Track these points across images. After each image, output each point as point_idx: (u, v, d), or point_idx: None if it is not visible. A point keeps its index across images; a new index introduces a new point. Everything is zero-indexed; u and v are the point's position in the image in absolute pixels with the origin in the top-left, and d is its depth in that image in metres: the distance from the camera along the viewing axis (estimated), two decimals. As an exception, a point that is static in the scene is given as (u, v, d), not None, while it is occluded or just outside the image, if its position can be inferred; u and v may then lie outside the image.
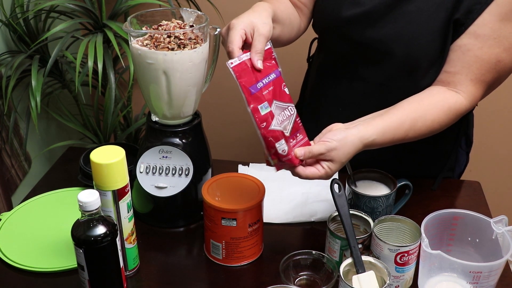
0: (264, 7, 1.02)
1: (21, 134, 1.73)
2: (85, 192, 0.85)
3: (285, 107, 0.95)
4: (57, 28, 1.57)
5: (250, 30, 0.94)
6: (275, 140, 0.91)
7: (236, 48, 0.91)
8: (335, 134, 0.96)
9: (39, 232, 1.11)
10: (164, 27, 1.04)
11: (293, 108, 0.97)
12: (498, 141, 2.20)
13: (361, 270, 0.91)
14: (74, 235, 0.86)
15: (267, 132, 0.91)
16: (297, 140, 0.97)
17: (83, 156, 1.23)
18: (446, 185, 1.29)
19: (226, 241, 1.02)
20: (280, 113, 0.93)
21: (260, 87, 0.91)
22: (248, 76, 0.90)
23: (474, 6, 1.03)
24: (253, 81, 0.90)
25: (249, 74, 0.90)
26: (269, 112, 0.91)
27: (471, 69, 1.05)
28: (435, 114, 1.05)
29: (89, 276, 0.88)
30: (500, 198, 2.22)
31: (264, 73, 0.93)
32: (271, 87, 0.93)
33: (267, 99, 0.91)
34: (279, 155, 0.93)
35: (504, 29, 1.03)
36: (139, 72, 1.05)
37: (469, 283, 0.92)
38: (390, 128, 1.01)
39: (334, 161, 0.95)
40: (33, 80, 1.53)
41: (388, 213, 1.08)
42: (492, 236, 0.96)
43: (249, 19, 0.95)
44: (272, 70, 0.95)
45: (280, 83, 0.96)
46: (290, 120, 0.95)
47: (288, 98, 0.96)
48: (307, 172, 0.96)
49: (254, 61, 0.92)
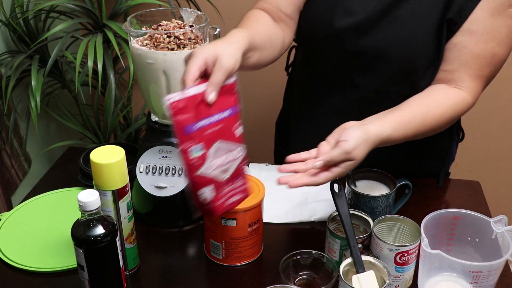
0: (238, 37, 0.95)
1: (21, 134, 1.73)
2: (85, 192, 0.85)
3: (231, 149, 0.89)
4: (57, 28, 1.58)
5: (212, 61, 0.87)
6: (199, 186, 0.86)
7: (190, 78, 0.85)
8: (353, 132, 0.94)
9: (39, 232, 1.11)
10: (164, 27, 1.04)
11: (242, 150, 0.91)
12: (497, 141, 2.20)
13: (361, 270, 0.91)
14: (74, 235, 0.86)
15: (193, 177, 0.85)
16: (234, 186, 0.92)
17: (83, 156, 1.23)
18: (446, 185, 1.30)
19: (226, 241, 1.02)
20: (222, 156, 0.87)
21: (202, 126, 0.84)
22: (189, 113, 0.82)
23: (466, 4, 1.04)
24: (193, 120, 0.83)
25: (191, 111, 0.83)
26: (201, 156, 0.84)
27: (469, 65, 1.06)
28: (443, 109, 1.06)
29: (89, 276, 0.88)
30: (500, 198, 2.22)
31: (215, 110, 0.86)
32: (220, 125, 0.87)
33: (205, 140, 0.85)
34: (199, 201, 0.88)
35: (496, 23, 1.04)
36: (139, 72, 1.05)
37: (468, 283, 0.92)
38: (402, 124, 1.01)
39: (355, 160, 0.93)
40: (33, 80, 1.53)
41: (388, 213, 1.08)
42: (491, 235, 0.96)
43: (214, 49, 0.88)
44: (228, 107, 0.88)
45: (234, 122, 0.89)
46: (233, 163, 0.90)
47: (239, 139, 0.90)
48: (320, 180, 0.93)
49: (207, 94, 0.85)
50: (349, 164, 0.93)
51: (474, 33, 1.05)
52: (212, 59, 0.87)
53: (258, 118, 2.07)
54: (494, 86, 2.12)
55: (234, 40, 0.93)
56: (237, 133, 0.90)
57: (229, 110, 0.88)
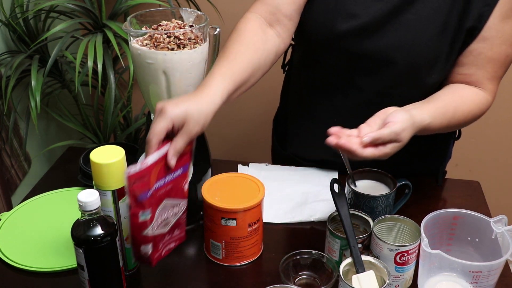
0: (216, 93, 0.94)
1: (20, 134, 1.73)
2: (85, 192, 0.85)
3: (176, 204, 0.93)
4: (57, 28, 1.58)
5: (179, 125, 0.88)
6: (142, 244, 0.89)
7: (155, 142, 0.86)
8: (400, 115, 0.96)
9: (39, 232, 1.11)
10: (163, 27, 1.04)
11: (185, 204, 0.95)
12: (498, 141, 2.20)
13: (360, 269, 0.91)
14: (74, 235, 0.86)
15: (138, 235, 0.88)
16: (172, 236, 0.96)
17: (83, 156, 1.23)
18: (446, 185, 1.30)
19: (226, 241, 1.02)
20: (167, 211, 0.91)
21: (154, 190, 0.87)
22: (144, 182, 0.84)
23: (484, 9, 1.06)
24: (147, 188, 0.85)
25: (147, 179, 0.85)
26: (149, 219, 0.87)
27: (486, 69, 1.10)
28: (470, 105, 1.10)
29: (89, 276, 0.88)
30: (500, 197, 2.22)
31: (168, 171, 0.89)
32: (170, 185, 0.90)
33: (154, 203, 0.87)
34: (140, 255, 0.91)
35: (506, 26, 1.08)
36: (139, 72, 1.05)
37: (468, 283, 0.92)
38: (439, 114, 1.04)
39: (401, 142, 0.95)
40: (33, 80, 1.53)
41: (388, 212, 1.08)
42: (491, 235, 0.96)
43: (184, 111, 0.88)
44: (181, 166, 0.91)
45: (183, 179, 0.93)
46: (175, 217, 0.94)
47: (185, 194, 0.94)
48: (366, 153, 0.93)
49: (168, 159, 0.87)
50: (395, 145, 0.95)
51: (488, 39, 1.08)
52: (180, 122, 0.88)
53: (255, 116, 2.07)
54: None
55: (210, 100, 0.92)
56: (184, 188, 0.94)
57: (180, 169, 0.91)
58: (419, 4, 1.08)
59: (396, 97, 1.14)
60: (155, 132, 0.86)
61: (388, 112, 0.98)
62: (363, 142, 0.93)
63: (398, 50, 1.10)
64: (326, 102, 1.23)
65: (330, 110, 1.23)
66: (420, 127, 0.99)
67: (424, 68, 1.11)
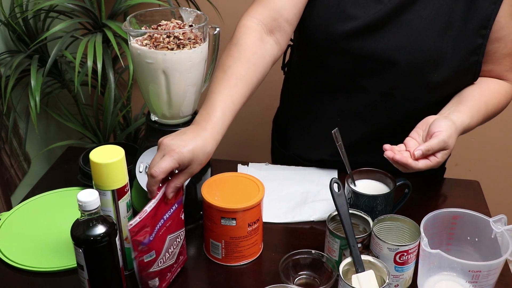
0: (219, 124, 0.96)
1: (20, 134, 1.73)
2: (84, 191, 0.85)
3: (177, 236, 0.96)
4: (56, 27, 1.57)
5: (186, 165, 0.91)
6: (149, 279, 0.93)
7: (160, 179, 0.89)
8: (443, 123, 1.01)
9: (38, 232, 1.11)
10: (163, 27, 1.04)
11: (184, 231, 0.99)
12: (497, 140, 2.20)
13: (360, 269, 0.91)
14: (73, 234, 0.86)
15: (145, 274, 0.91)
16: (179, 262, 1.00)
17: (82, 155, 1.23)
18: (446, 185, 1.30)
19: (226, 241, 1.02)
20: (170, 246, 0.94)
21: (156, 231, 0.90)
22: (145, 229, 0.88)
23: (490, 7, 1.08)
24: (149, 233, 0.88)
25: (147, 226, 0.88)
26: (153, 258, 0.91)
27: (504, 63, 1.15)
28: (498, 97, 1.15)
29: (88, 275, 0.88)
30: (499, 197, 2.22)
31: (166, 210, 0.92)
32: (169, 222, 0.93)
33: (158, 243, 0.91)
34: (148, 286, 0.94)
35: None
36: (138, 71, 1.05)
37: (468, 282, 0.92)
38: (475, 112, 1.10)
39: (449, 149, 1.01)
40: (32, 80, 1.53)
41: (388, 212, 1.08)
42: (491, 235, 0.96)
43: (192, 151, 0.90)
44: (176, 201, 0.94)
45: (179, 211, 0.96)
46: (178, 246, 0.97)
47: (182, 223, 0.98)
48: (420, 165, 0.99)
49: (167, 193, 0.92)
50: (445, 153, 1.01)
51: (502, 39, 1.12)
52: (187, 163, 0.91)
53: (255, 115, 2.07)
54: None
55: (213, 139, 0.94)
56: (182, 217, 0.98)
57: (175, 204, 0.95)
58: (420, 5, 1.08)
59: (400, 97, 1.15)
60: (163, 171, 0.88)
61: (429, 122, 1.04)
62: (415, 155, 0.98)
63: (400, 51, 1.10)
64: (329, 103, 1.24)
65: (333, 111, 1.23)
66: (462, 130, 1.06)
67: (427, 68, 1.11)
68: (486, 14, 1.08)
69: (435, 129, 1.01)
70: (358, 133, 1.23)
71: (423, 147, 0.99)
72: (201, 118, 0.96)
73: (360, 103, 1.19)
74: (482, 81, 1.16)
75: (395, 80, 1.14)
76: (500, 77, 1.16)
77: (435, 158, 1.00)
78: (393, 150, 1.00)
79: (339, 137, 1.06)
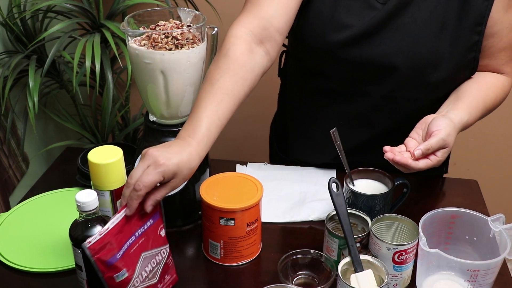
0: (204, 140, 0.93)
1: (18, 135, 1.73)
2: (83, 192, 0.85)
3: (156, 253, 0.90)
4: (55, 28, 1.57)
5: (169, 178, 0.88)
6: None
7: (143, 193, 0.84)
8: (441, 121, 1.02)
9: (37, 232, 1.11)
10: (161, 27, 1.04)
11: (167, 249, 0.93)
12: (495, 140, 2.20)
13: (359, 269, 0.92)
14: (72, 235, 0.86)
15: None
16: (165, 282, 0.95)
17: (80, 156, 1.23)
18: (444, 184, 1.30)
19: (224, 241, 1.02)
20: (149, 263, 0.89)
21: (125, 250, 0.84)
22: (110, 247, 0.82)
23: (483, 4, 1.08)
24: (115, 250, 0.82)
25: (112, 242, 0.82)
26: (126, 277, 0.84)
27: (500, 57, 1.15)
28: (496, 91, 1.15)
29: (87, 276, 0.88)
30: (498, 196, 2.23)
31: (137, 225, 0.86)
32: (143, 238, 0.87)
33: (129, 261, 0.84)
34: None
35: (511, 15, 1.11)
36: (136, 72, 1.05)
37: (466, 282, 0.92)
38: (473, 108, 1.10)
39: (449, 147, 1.01)
40: (31, 80, 1.53)
41: (386, 212, 1.08)
42: (489, 234, 0.97)
43: (177, 165, 0.87)
44: (150, 217, 0.89)
45: (157, 227, 0.91)
46: (160, 264, 0.92)
47: (164, 240, 0.92)
48: (420, 165, 1.00)
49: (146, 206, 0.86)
50: (444, 151, 1.01)
51: (497, 33, 1.12)
52: (170, 177, 0.87)
53: (254, 115, 2.07)
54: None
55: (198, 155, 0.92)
56: (161, 235, 0.92)
57: (150, 220, 0.89)
58: (414, 8, 1.09)
59: (402, 99, 1.16)
60: (147, 185, 0.84)
61: (428, 121, 1.04)
62: (415, 155, 0.99)
63: (398, 55, 1.10)
64: (329, 108, 1.23)
65: (334, 115, 1.23)
66: (460, 127, 1.06)
67: (427, 69, 1.12)
68: (480, 11, 1.08)
69: (433, 128, 1.01)
70: (361, 136, 1.23)
71: (422, 147, 0.99)
72: (186, 133, 0.94)
73: (361, 107, 1.19)
74: (479, 76, 1.16)
75: (396, 84, 1.14)
76: (497, 71, 1.17)
77: (436, 157, 1.01)
78: (393, 151, 1.00)
79: (338, 137, 1.06)
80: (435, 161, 1.01)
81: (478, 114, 1.12)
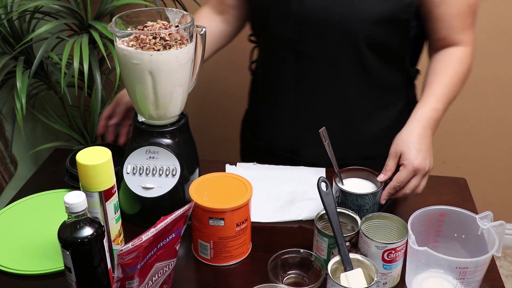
0: None
1: (6, 136, 1.72)
2: (71, 193, 0.85)
3: (165, 265, 0.92)
4: (42, 29, 1.56)
5: None
6: None
7: None
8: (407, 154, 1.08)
9: (25, 234, 1.10)
10: (149, 28, 1.03)
11: (174, 261, 0.94)
12: (484, 138, 2.22)
13: (349, 267, 0.92)
14: (60, 237, 0.85)
15: None
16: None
17: (69, 157, 1.23)
18: (433, 182, 1.30)
19: (214, 241, 1.02)
20: (157, 273, 0.90)
21: (145, 261, 0.85)
22: (134, 258, 0.83)
23: None
24: (137, 262, 0.83)
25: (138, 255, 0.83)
26: (135, 285, 0.86)
27: (455, 26, 1.17)
28: (459, 67, 1.18)
29: (76, 278, 0.87)
30: (486, 194, 2.24)
31: (162, 238, 0.88)
32: (161, 250, 0.89)
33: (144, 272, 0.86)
34: None
35: None
36: (125, 72, 1.05)
37: (455, 279, 0.92)
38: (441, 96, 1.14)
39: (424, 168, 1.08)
40: (18, 82, 1.52)
41: (375, 210, 1.09)
42: (478, 232, 0.97)
43: None
44: (175, 230, 0.90)
45: (175, 241, 0.92)
46: (164, 275, 0.93)
47: (176, 253, 0.94)
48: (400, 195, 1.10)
49: None
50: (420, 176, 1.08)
51: (446, 1, 1.14)
52: None
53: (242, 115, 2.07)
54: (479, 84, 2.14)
55: None
56: (176, 248, 0.93)
57: (173, 234, 0.90)
58: None
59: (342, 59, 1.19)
60: None
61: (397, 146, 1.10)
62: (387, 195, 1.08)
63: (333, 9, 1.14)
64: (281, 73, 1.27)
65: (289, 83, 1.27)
66: (432, 124, 1.12)
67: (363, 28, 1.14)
68: None
69: (401, 161, 1.08)
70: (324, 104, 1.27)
71: (393, 183, 1.07)
72: None
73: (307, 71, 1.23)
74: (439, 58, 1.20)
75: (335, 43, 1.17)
76: (455, 42, 1.19)
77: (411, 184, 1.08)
78: None
79: (327, 136, 1.06)
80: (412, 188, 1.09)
81: (450, 98, 1.16)
